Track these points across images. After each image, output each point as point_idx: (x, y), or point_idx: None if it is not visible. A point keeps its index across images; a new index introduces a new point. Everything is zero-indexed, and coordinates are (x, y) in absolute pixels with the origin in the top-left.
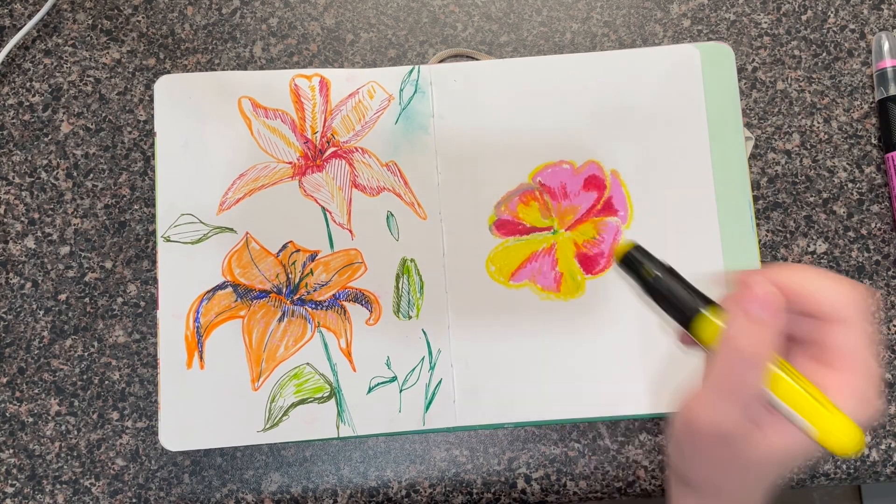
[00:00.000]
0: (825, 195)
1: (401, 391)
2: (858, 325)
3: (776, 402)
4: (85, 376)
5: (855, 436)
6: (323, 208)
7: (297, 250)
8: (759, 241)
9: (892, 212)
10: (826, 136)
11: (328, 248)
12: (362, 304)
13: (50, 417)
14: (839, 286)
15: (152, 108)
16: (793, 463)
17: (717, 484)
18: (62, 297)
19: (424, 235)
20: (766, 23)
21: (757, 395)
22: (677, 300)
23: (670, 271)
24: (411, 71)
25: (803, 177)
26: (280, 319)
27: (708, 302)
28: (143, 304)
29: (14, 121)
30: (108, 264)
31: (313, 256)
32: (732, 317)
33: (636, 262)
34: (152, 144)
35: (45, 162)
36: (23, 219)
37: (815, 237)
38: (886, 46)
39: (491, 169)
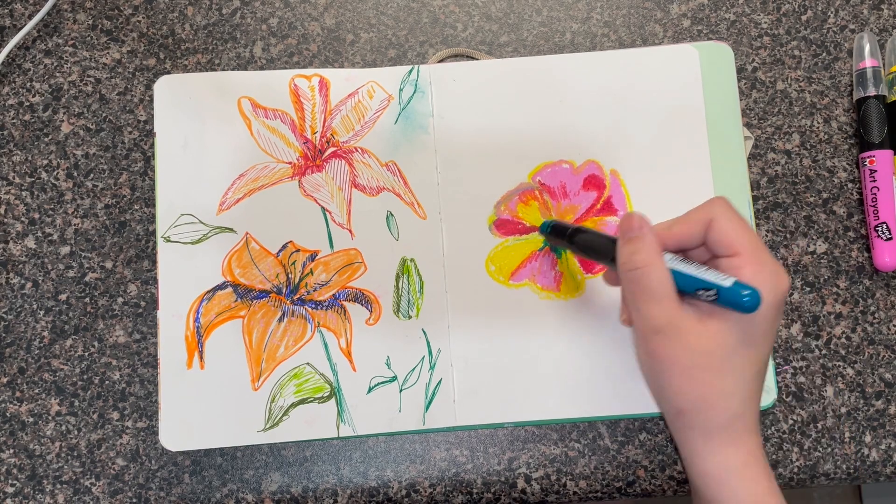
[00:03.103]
0: (825, 195)
1: (401, 391)
2: (735, 218)
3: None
4: (85, 376)
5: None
6: (323, 208)
7: (297, 250)
8: None
9: (865, 212)
10: (826, 136)
11: (328, 248)
12: (362, 304)
13: (50, 417)
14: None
15: (152, 109)
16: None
17: (689, 387)
18: (62, 297)
19: (424, 235)
20: (766, 23)
21: (664, 289)
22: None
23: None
24: (411, 71)
25: (803, 177)
26: (280, 319)
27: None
28: (143, 304)
29: (14, 121)
30: (109, 264)
31: (313, 256)
32: (618, 246)
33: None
34: (152, 144)
35: (45, 162)
36: (23, 219)
37: (815, 237)
38: (867, 47)
39: (491, 169)
